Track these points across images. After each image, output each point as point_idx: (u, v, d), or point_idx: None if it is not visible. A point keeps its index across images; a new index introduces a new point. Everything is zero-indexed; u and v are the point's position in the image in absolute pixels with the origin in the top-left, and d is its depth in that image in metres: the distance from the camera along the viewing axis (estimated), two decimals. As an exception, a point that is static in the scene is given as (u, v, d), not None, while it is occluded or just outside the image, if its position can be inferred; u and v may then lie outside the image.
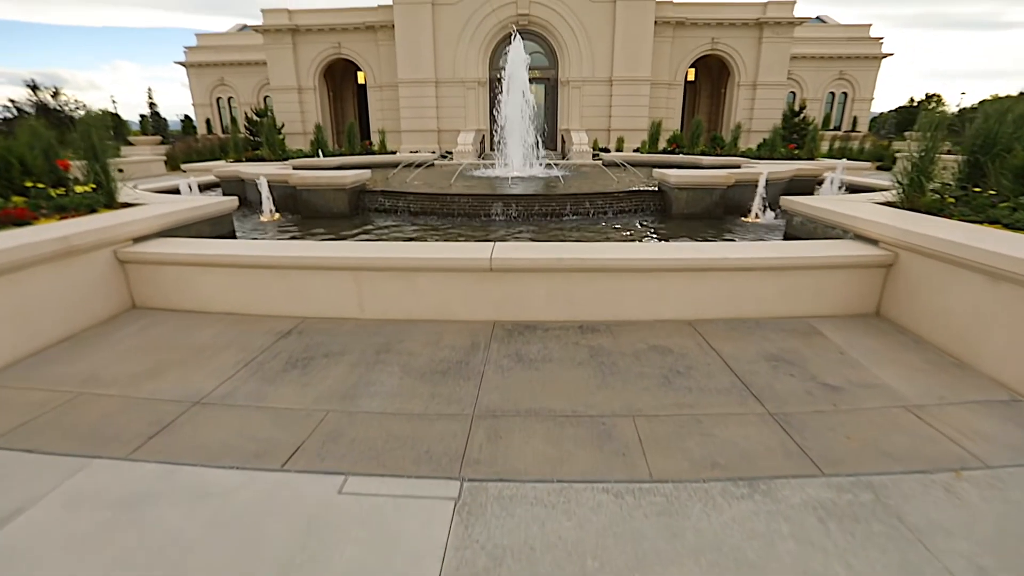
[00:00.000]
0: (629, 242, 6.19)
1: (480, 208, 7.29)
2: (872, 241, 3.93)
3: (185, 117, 29.94)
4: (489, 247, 3.86)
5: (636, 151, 16.00)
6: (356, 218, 7.72)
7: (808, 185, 9.37)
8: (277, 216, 7.89)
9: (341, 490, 2.02)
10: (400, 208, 7.67)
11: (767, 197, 7.46)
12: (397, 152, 17.17)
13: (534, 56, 22.98)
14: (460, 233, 6.64)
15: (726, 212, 7.72)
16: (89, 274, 3.72)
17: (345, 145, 15.44)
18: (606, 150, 18.45)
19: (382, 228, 7.04)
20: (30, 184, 4.68)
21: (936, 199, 4.42)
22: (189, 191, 7.82)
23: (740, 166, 9.86)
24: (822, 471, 2.11)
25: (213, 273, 3.95)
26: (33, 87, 24.91)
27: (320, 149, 13.96)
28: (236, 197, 5.75)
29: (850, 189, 8.60)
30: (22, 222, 3.85)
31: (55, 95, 25.46)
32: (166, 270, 3.99)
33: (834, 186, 8.27)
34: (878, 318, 3.81)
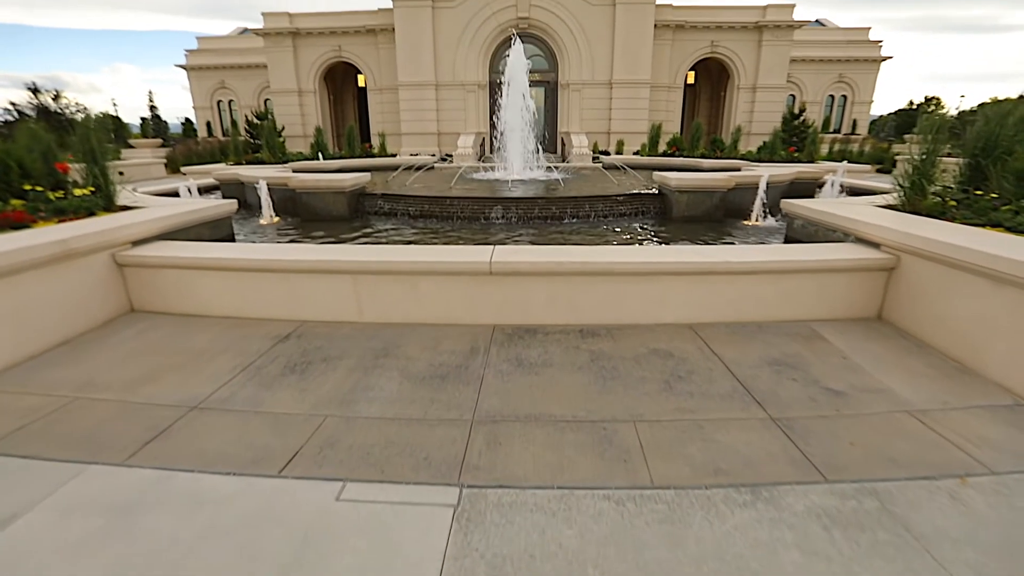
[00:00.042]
0: (630, 245, 6.17)
1: (480, 211, 7.28)
2: (874, 244, 3.91)
3: (186, 120, 30.00)
4: (489, 251, 3.84)
5: (636, 154, 16.02)
6: (355, 221, 7.70)
7: (809, 188, 9.37)
8: (276, 219, 7.87)
9: (339, 497, 1.99)
10: (400, 211, 7.65)
11: (767, 200, 7.44)
12: (397, 155, 17.17)
13: (534, 59, 23.02)
14: (460, 236, 6.63)
15: (726, 215, 7.70)
16: (87, 277, 3.70)
17: (345, 148, 15.44)
18: (606, 153, 18.46)
19: (381, 231, 7.03)
20: (29, 187, 4.66)
21: (938, 202, 4.41)
22: (188, 194, 7.80)
23: (740, 169, 9.86)
24: (826, 477, 2.09)
25: (211, 277, 3.93)
26: (34, 90, 24.97)
27: (320, 152, 13.97)
28: (235, 200, 5.73)
29: (851, 192, 8.59)
30: (20, 225, 3.83)
31: (56, 98, 25.53)
32: (164, 273, 3.97)
33: (835, 189, 8.26)
34: (880, 322, 3.79)
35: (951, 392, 2.78)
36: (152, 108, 33.65)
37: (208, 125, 31.39)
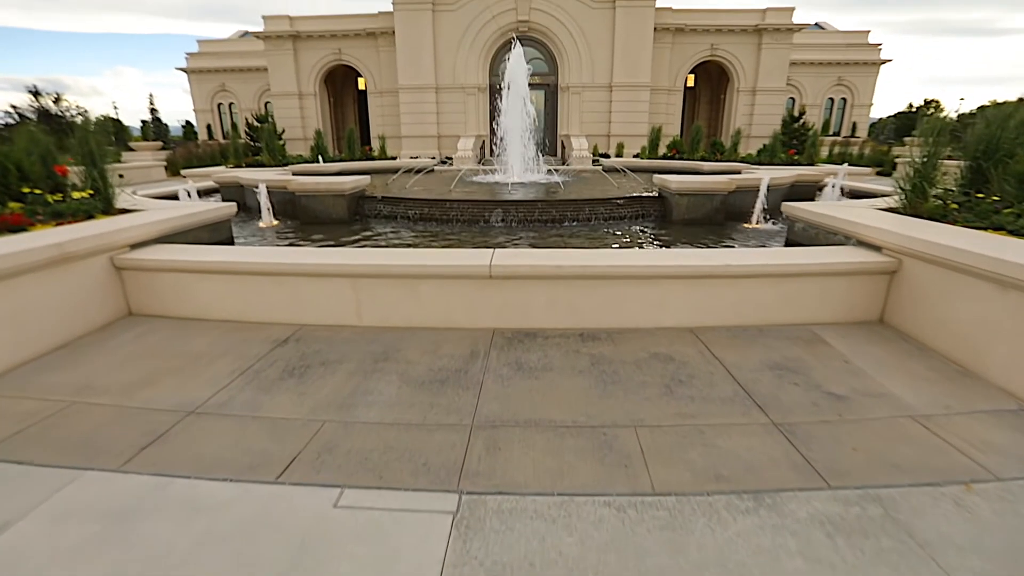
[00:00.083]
0: (630, 249, 6.16)
1: (480, 214, 7.27)
2: (875, 248, 3.89)
3: (186, 123, 30.04)
4: (489, 254, 3.83)
5: (636, 156, 16.02)
6: (355, 224, 7.69)
7: (809, 191, 9.36)
8: (276, 222, 7.85)
9: (337, 504, 1.97)
10: (399, 214, 7.64)
11: (768, 203, 7.43)
12: (397, 158, 17.20)
13: (534, 62, 23.06)
14: (460, 240, 6.61)
15: (727, 218, 7.69)
16: (84, 281, 3.68)
17: (345, 151, 15.44)
18: (606, 155, 18.48)
19: (381, 234, 7.02)
20: (27, 190, 4.65)
21: (939, 205, 4.39)
22: (188, 197, 7.80)
23: (740, 172, 9.86)
24: (828, 484, 2.06)
25: (210, 280, 3.92)
26: (35, 93, 25.02)
27: (320, 155, 13.97)
28: (234, 203, 5.72)
29: (851, 195, 8.59)
30: (17, 228, 3.81)
31: (57, 101, 25.57)
32: (163, 277, 3.96)
33: (835, 192, 8.25)
34: (882, 325, 3.77)
35: (954, 396, 2.76)
36: (153, 111, 33.74)
37: (208, 128, 31.44)
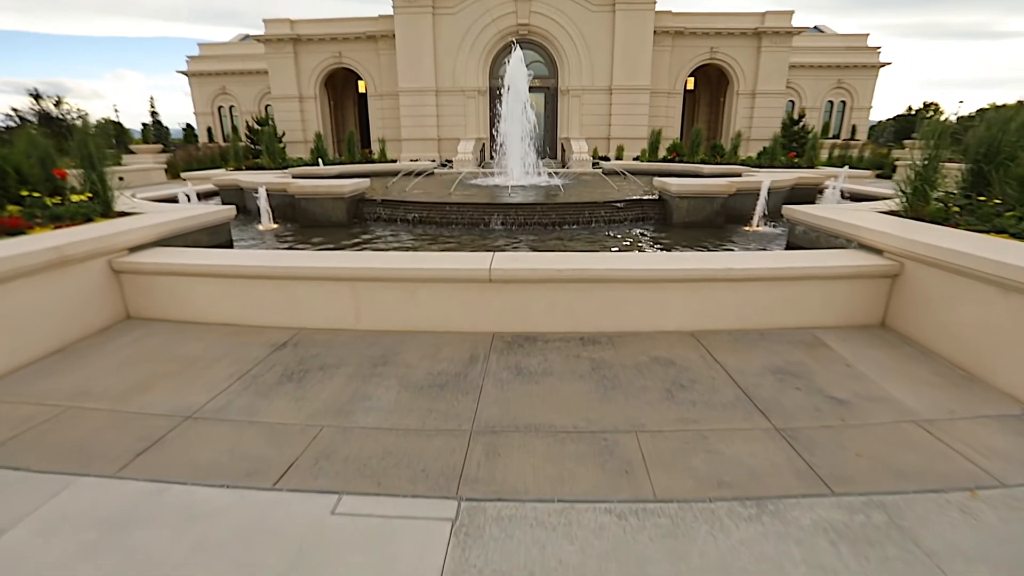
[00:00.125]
0: (630, 252, 6.14)
1: (480, 218, 7.25)
2: (877, 251, 3.88)
3: (187, 125, 30.11)
4: (488, 257, 3.81)
5: (636, 159, 16.03)
6: (355, 227, 7.68)
7: (810, 194, 9.33)
8: (275, 225, 7.84)
9: (334, 510, 1.95)
10: (399, 217, 7.62)
11: (768, 206, 7.41)
12: (397, 160, 17.21)
13: (534, 65, 23.10)
14: (459, 243, 6.59)
15: (727, 221, 7.67)
16: (83, 284, 3.66)
17: (345, 153, 15.44)
18: (606, 158, 18.49)
19: (381, 237, 7.00)
20: (26, 193, 4.64)
21: (940, 208, 4.37)
22: (187, 200, 7.78)
23: (741, 175, 9.85)
24: (832, 490, 2.04)
25: (208, 283, 3.90)
26: (36, 96, 25.06)
27: (320, 157, 13.97)
28: (233, 206, 5.70)
29: (852, 198, 8.58)
30: (15, 231, 3.80)
31: (57, 104, 25.62)
32: (161, 280, 3.94)
33: (836, 195, 8.24)
34: (884, 329, 3.75)
35: (958, 401, 2.73)
36: (153, 114, 33.82)
37: (209, 131, 31.49)
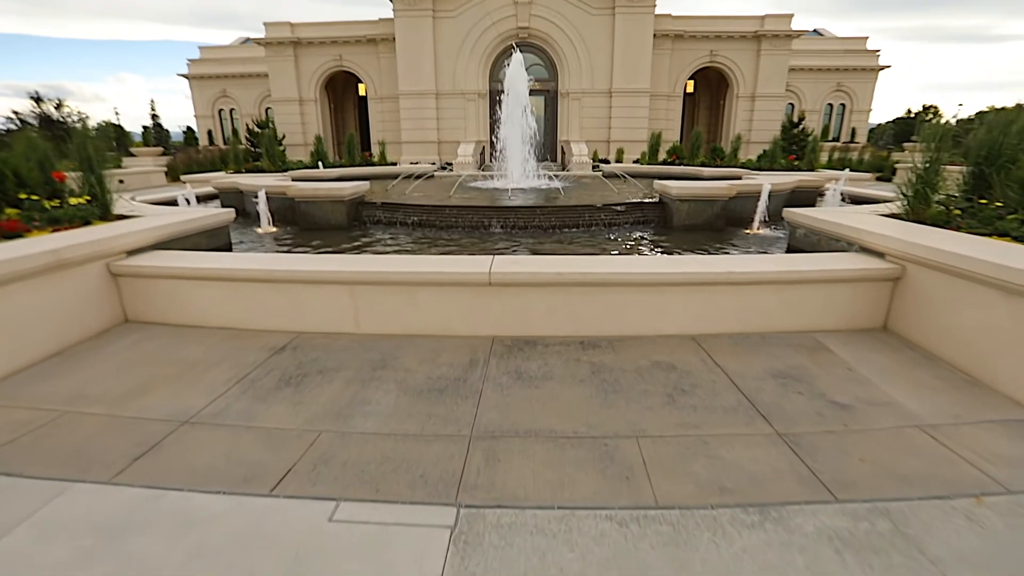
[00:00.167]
0: (631, 255, 6.13)
1: (479, 221, 7.24)
2: (878, 254, 3.86)
3: (187, 128, 30.12)
4: (488, 261, 3.79)
5: (636, 162, 16.04)
6: (354, 230, 7.66)
7: (810, 196, 9.33)
8: (275, 228, 7.83)
9: (332, 517, 1.92)
10: (399, 220, 7.61)
11: (769, 209, 7.40)
12: (397, 163, 17.22)
13: (534, 68, 23.17)
14: (459, 246, 6.58)
15: (728, 224, 7.65)
16: (81, 288, 3.64)
17: (345, 156, 15.47)
18: (606, 161, 18.49)
19: (380, 240, 6.99)
20: (24, 196, 4.63)
21: (942, 211, 4.36)
22: (186, 203, 7.77)
23: (741, 177, 9.84)
24: (835, 496, 2.02)
25: (207, 287, 3.88)
26: (36, 99, 25.10)
27: (320, 160, 13.98)
28: (233, 209, 5.69)
29: (852, 200, 8.56)
30: (13, 235, 3.78)
31: (58, 107, 25.65)
32: (160, 283, 3.92)
33: (836, 197, 8.23)
34: (886, 332, 3.73)
35: (961, 405, 2.71)
36: (154, 116, 33.86)
37: (209, 133, 31.53)
